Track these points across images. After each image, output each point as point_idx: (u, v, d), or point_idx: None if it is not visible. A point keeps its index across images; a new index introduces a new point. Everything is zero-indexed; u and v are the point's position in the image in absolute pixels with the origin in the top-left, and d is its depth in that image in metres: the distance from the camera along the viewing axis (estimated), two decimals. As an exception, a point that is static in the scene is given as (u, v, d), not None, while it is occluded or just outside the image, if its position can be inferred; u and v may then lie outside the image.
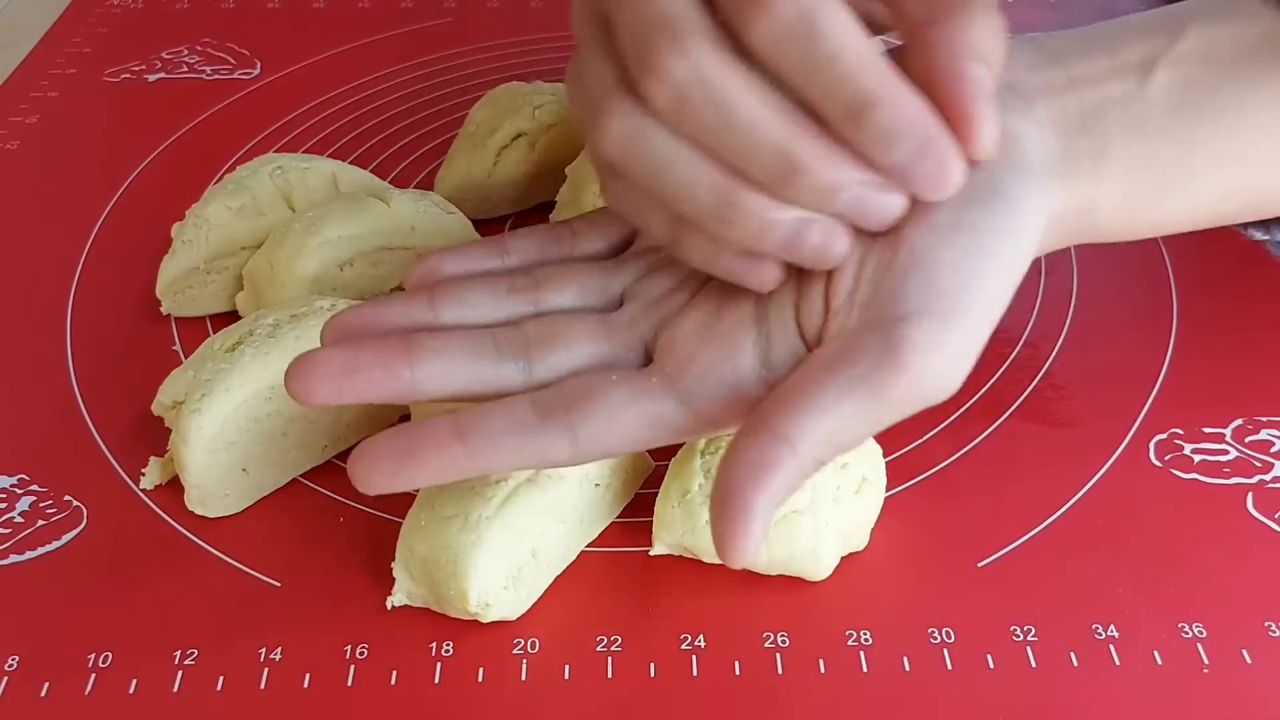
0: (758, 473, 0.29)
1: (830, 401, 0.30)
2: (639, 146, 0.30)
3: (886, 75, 0.29)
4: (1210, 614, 0.39)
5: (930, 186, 0.30)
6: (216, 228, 0.50)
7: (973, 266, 0.31)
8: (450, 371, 0.33)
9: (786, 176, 0.29)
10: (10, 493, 0.44)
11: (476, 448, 0.31)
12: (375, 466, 0.32)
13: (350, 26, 0.74)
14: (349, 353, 0.33)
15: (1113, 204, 0.34)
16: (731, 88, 0.29)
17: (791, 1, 0.28)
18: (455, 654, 0.38)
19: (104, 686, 0.37)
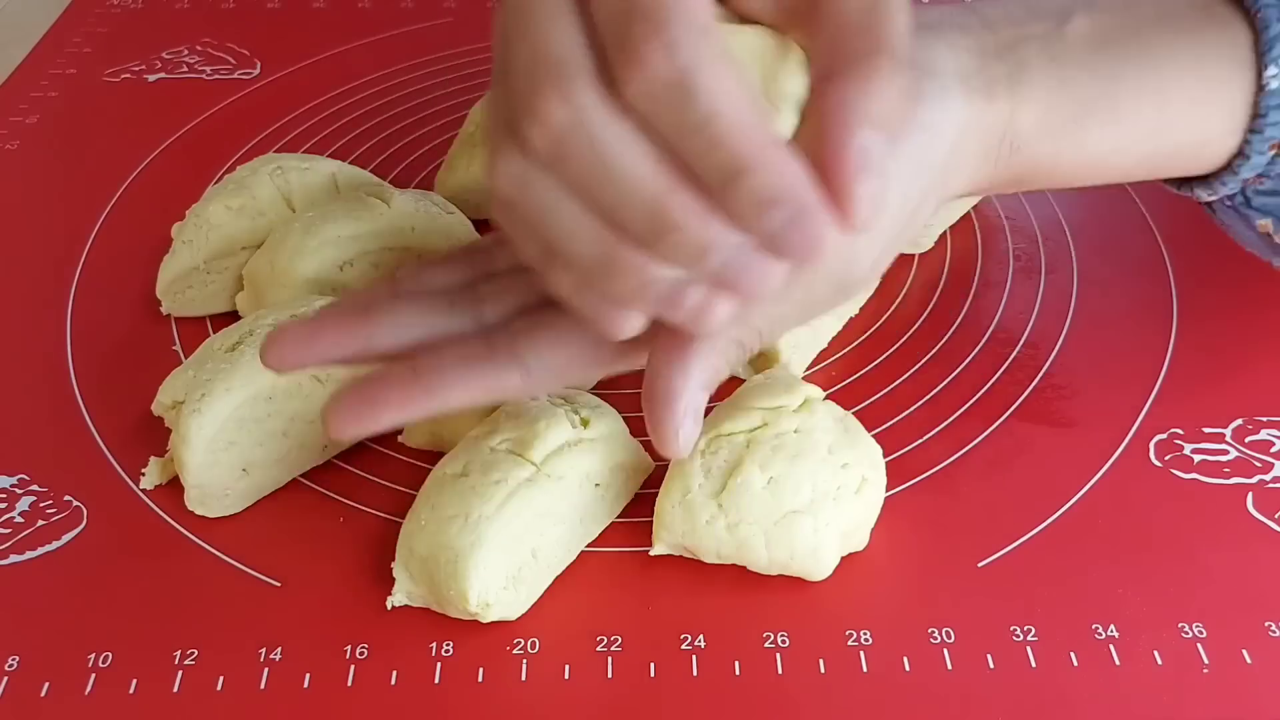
0: (677, 354, 0.31)
1: None
2: (525, 191, 0.30)
3: (762, 140, 0.27)
4: (1210, 614, 0.39)
5: (800, 256, 0.28)
6: (216, 228, 0.50)
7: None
8: (405, 327, 0.34)
9: (659, 233, 0.28)
10: (10, 493, 0.44)
11: (432, 383, 0.33)
12: (342, 412, 0.33)
13: (350, 26, 0.74)
14: (312, 322, 0.34)
15: (1034, 125, 0.35)
16: (610, 138, 0.28)
17: (668, 59, 0.27)
18: (455, 654, 0.38)
19: (104, 686, 0.37)
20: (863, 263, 0.32)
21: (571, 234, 0.30)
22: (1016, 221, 0.57)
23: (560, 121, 0.28)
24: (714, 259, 0.29)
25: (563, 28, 0.28)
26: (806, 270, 0.30)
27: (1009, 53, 0.35)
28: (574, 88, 0.28)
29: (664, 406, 0.32)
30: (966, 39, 0.35)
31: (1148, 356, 0.49)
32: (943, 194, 0.35)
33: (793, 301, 0.32)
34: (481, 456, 0.39)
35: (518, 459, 0.39)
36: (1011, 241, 0.56)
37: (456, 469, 0.39)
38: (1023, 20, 0.36)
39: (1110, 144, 0.37)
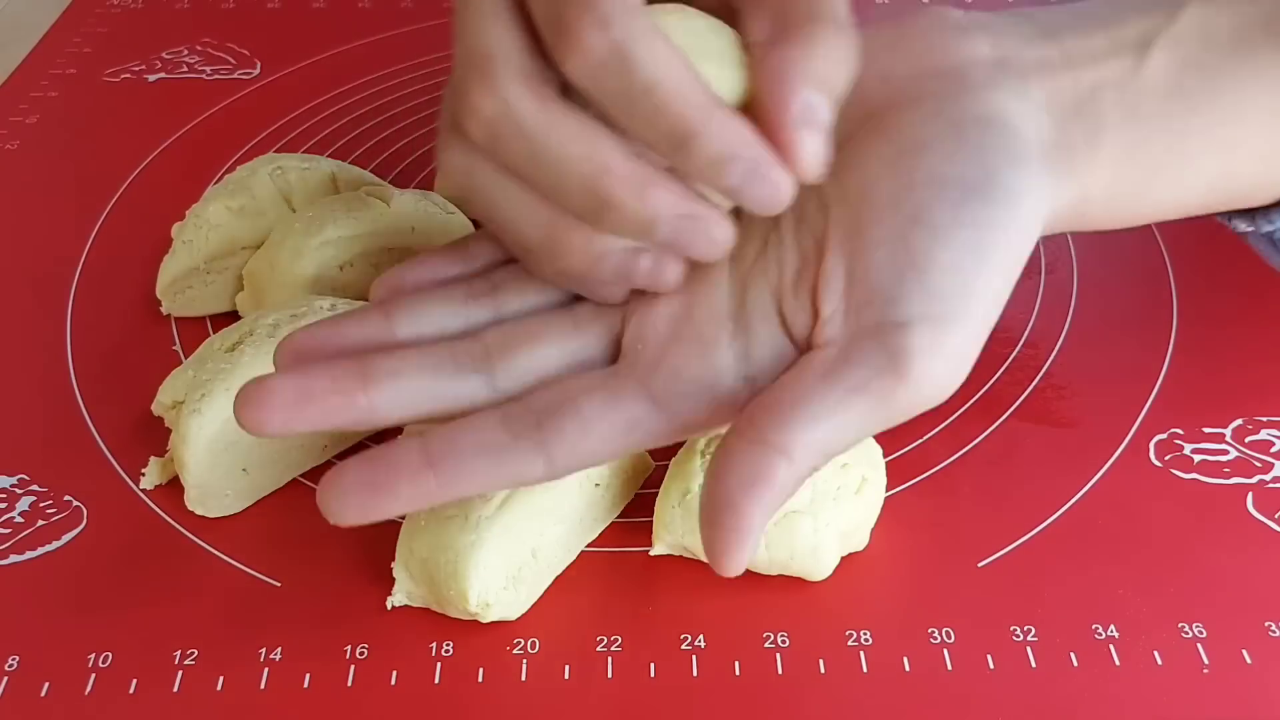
0: (752, 485, 0.29)
1: (828, 411, 0.29)
2: (470, 181, 0.31)
3: (706, 102, 0.28)
4: (1210, 614, 0.39)
5: (763, 206, 0.29)
6: (216, 228, 0.50)
7: (973, 266, 0.30)
8: (409, 393, 0.32)
9: (599, 212, 0.29)
10: (10, 493, 0.44)
11: (448, 474, 0.30)
12: (345, 499, 0.31)
13: (350, 26, 0.74)
14: (302, 380, 0.31)
15: (1104, 192, 0.34)
16: (540, 124, 0.29)
17: (602, 34, 0.27)
18: (455, 654, 0.38)
19: (104, 686, 0.37)
20: (955, 385, 0.31)
21: (518, 218, 0.31)
22: (1016, 221, 0.57)
23: (489, 112, 0.29)
24: (659, 229, 0.29)
25: (493, 24, 0.29)
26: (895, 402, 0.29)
27: (1088, 106, 0.33)
28: (499, 79, 0.29)
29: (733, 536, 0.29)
30: (1046, 87, 0.33)
31: (1148, 356, 0.49)
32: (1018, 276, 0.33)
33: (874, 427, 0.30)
34: (481, 456, 0.39)
35: (518, 459, 0.39)
36: (1011, 241, 0.56)
37: (456, 469, 0.39)
38: (1103, 55, 0.33)
39: (1170, 198, 0.35)
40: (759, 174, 0.29)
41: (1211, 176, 0.35)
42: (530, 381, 0.33)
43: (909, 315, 0.30)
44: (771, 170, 0.29)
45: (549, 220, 0.30)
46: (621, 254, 0.31)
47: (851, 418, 0.29)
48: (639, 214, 0.29)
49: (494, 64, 0.29)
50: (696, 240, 0.30)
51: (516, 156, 0.29)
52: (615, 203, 0.29)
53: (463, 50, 0.30)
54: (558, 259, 0.31)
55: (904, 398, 0.30)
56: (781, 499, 0.29)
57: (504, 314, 0.35)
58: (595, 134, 0.29)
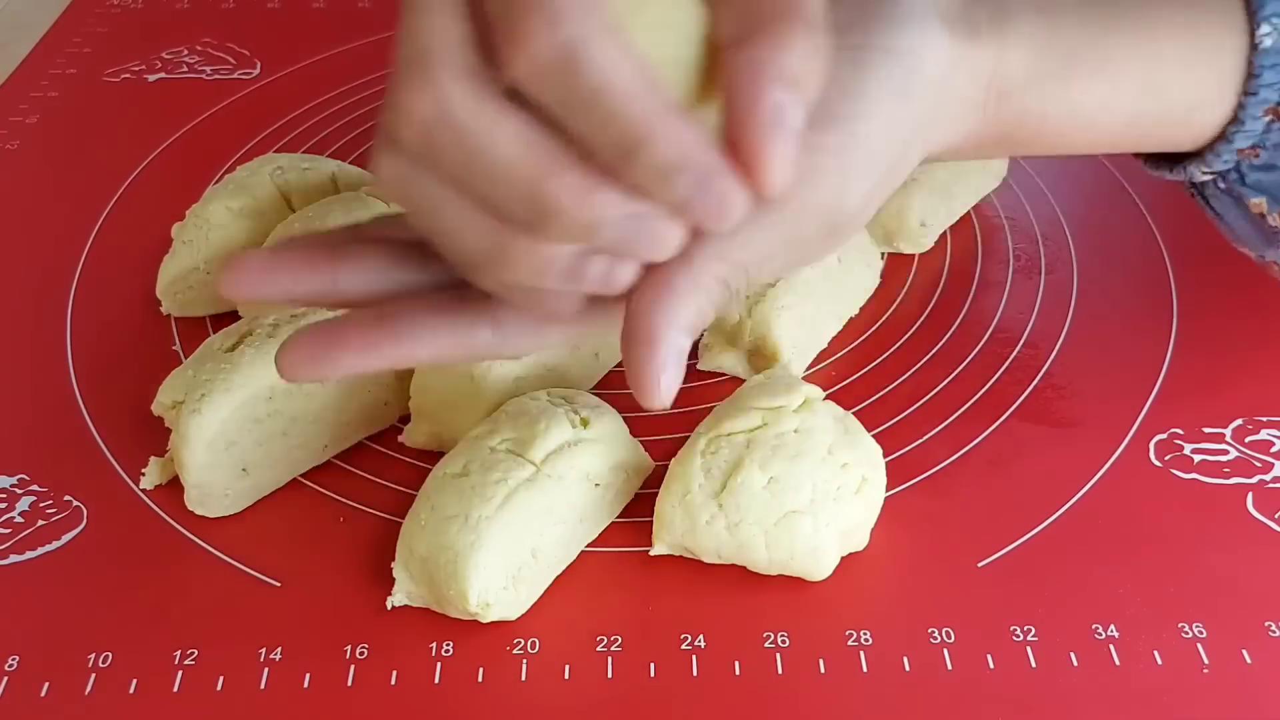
0: (658, 294, 0.29)
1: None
2: (407, 191, 0.29)
3: (657, 108, 0.26)
4: (1210, 614, 0.39)
5: (712, 220, 0.28)
6: (217, 228, 0.50)
7: (855, 77, 0.31)
8: (374, 272, 0.32)
9: (541, 217, 0.27)
10: (10, 493, 0.44)
11: (398, 329, 0.30)
12: (298, 351, 0.30)
13: (350, 26, 0.74)
14: (276, 252, 0.31)
15: (1022, 74, 0.34)
16: (477, 126, 0.27)
17: (549, 33, 0.25)
18: (455, 654, 0.38)
19: (104, 686, 0.37)
20: (852, 198, 0.31)
21: (459, 228, 0.29)
22: (1016, 221, 0.57)
23: (425, 114, 0.27)
24: (604, 233, 0.28)
25: (436, 19, 0.28)
26: (788, 203, 0.29)
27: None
28: (437, 77, 0.27)
29: (644, 348, 0.29)
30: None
31: (1148, 356, 0.49)
32: (929, 137, 0.33)
33: (778, 238, 0.30)
34: (481, 456, 0.39)
35: (518, 459, 0.39)
36: (1011, 241, 0.56)
37: (456, 469, 0.39)
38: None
39: (1099, 98, 0.36)
40: (708, 186, 0.27)
41: (1139, 80, 0.35)
42: None
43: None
44: (721, 182, 0.27)
45: (490, 230, 0.28)
46: (570, 260, 0.29)
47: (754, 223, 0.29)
48: (583, 218, 0.27)
49: (432, 60, 0.27)
50: (643, 241, 0.28)
51: (453, 162, 0.27)
52: (557, 207, 0.27)
53: (400, 46, 0.28)
54: (503, 270, 0.29)
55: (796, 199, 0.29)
56: (691, 309, 0.29)
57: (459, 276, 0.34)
58: (533, 136, 0.27)
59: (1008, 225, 0.57)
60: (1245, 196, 0.39)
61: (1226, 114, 0.37)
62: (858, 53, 0.31)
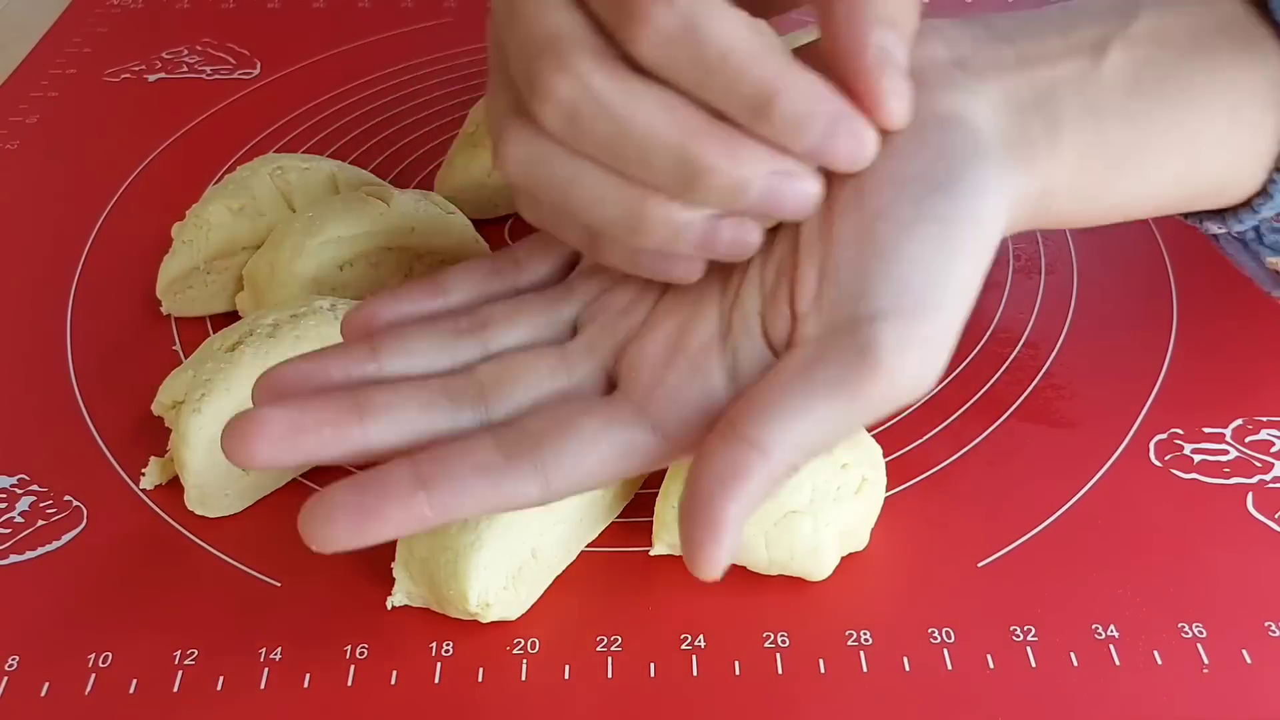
0: (729, 481, 0.29)
1: (803, 406, 0.29)
2: (540, 170, 0.30)
3: (781, 63, 0.28)
4: (1210, 614, 0.39)
5: (848, 162, 0.30)
6: (216, 228, 0.50)
7: (940, 258, 0.30)
8: (404, 425, 0.31)
9: (691, 180, 0.29)
10: (10, 493, 0.44)
11: (441, 496, 0.30)
12: (333, 524, 0.30)
13: (350, 26, 0.74)
14: (293, 412, 0.31)
15: (1068, 185, 0.34)
16: (621, 100, 0.28)
17: (669, 8, 0.27)
18: (455, 654, 0.38)
19: (104, 686, 0.37)
20: (930, 379, 0.30)
21: (596, 199, 0.30)
22: (1016, 221, 0.57)
23: (569, 93, 0.29)
24: (750, 192, 0.29)
25: (553, 7, 0.29)
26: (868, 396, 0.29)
27: (1045, 102, 0.33)
28: (574, 58, 0.28)
29: (709, 533, 0.29)
30: (1002, 84, 0.33)
31: (1148, 356, 0.49)
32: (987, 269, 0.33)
33: (855, 422, 0.30)
34: (481, 456, 0.39)
35: (518, 459, 0.39)
36: (1011, 241, 0.56)
37: (456, 469, 0.39)
38: (1058, 55, 0.34)
39: (1135, 194, 0.35)
40: (841, 127, 0.29)
41: (1177, 172, 0.35)
42: (524, 413, 0.32)
43: (877, 309, 0.30)
44: (853, 122, 0.29)
45: (630, 197, 0.30)
46: (703, 223, 0.30)
47: (826, 413, 0.29)
48: (733, 175, 0.29)
49: (564, 44, 0.29)
50: (788, 197, 0.30)
51: (599, 135, 0.29)
52: (708, 167, 0.29)
53: (524, 37, 0.29)
54: (637, 236, 0.30)
55: (878, 392, 0.29)
56: (758, 497, 0.29)
57: (492, 350, 0.34)
58: (678, 103, 0.29)
59: (1008, 225, 0.57)
60: (1262, 254, 0.39)
61: (1255, 187, 0.36)
62: (944, 229, 0.30)
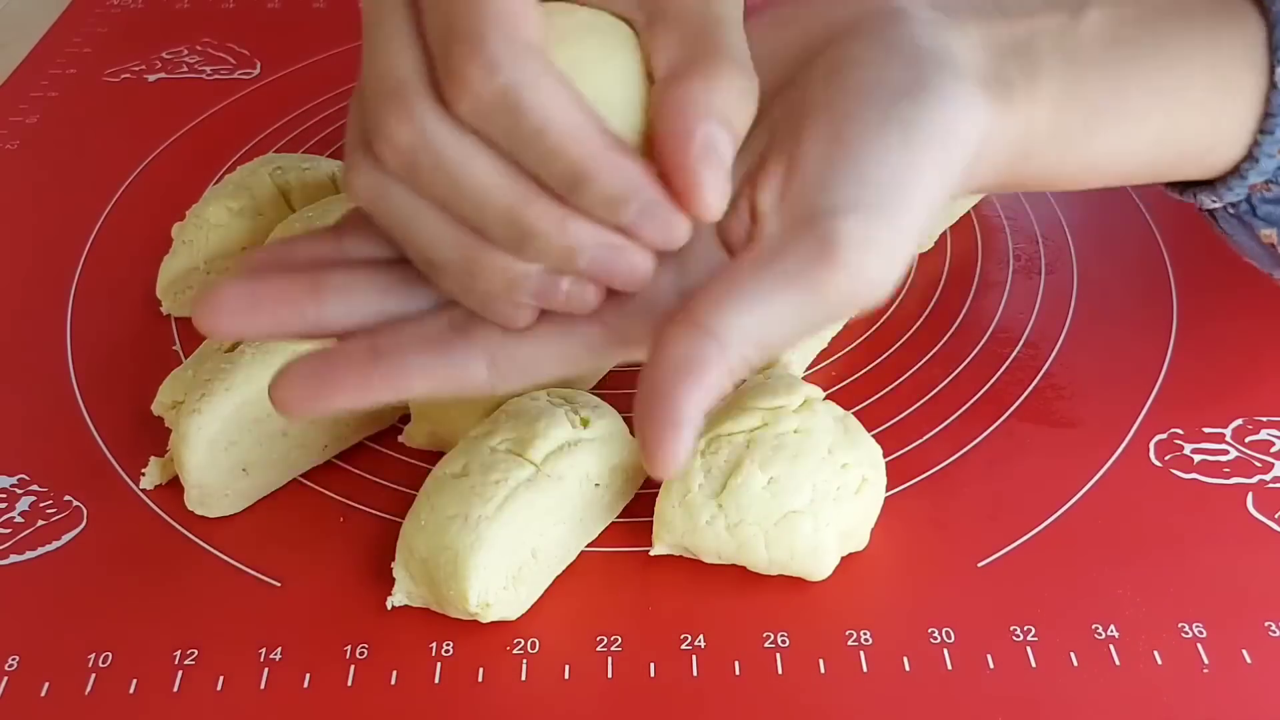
0: (686, 372, 0.29)
1: (762, 297, 0.29)
2: (382, 203, 0.30)
3: (597, 144, 0.28)
4: (1210, 614, 0.39)
5: (660, 244, 0.29)
6: (217, 228, 0.50)
7: (904, 160, 0.30)
8: (359, 306, 0.31)
9: (521, 241, 0.29)
10: (10, 493, 0.44)
11: (391, 368, 0.30)
12: (291, 389, 0.30)
13: (350, 26, 0.74)
14: (253, 285, 0.31)
15: (1047, 133, 0.34)
16: (456, 155, 0.28)
17: (490, 78, 0.27)
18: (455, 654, 0.38)
19: (104, 686, 0.37)
20: (889, 283, 0.31)
21: (433, 242, 0.30)
22: (1016, 221, 0.57)
23: (407, 141, 0.28)
24: (580, 260, 0.29)
25: (400, 47, 0.29)
26: (829, 290, 0.29)
27: (1024, 49, 0.34)
28: (415, 108, 0.28)
29: (665, 428, 0.29)
30: (981, 29, 0.34)
31: (1148, 356, 0.49)
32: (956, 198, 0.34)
33: (813, 319, 0.30)
34: (481, 457, 0.39)
35: (518, 459, 0.39)
36: (1011, 241, 0.56)
37: (456, 469, 0.39)
38: (1039, 9, 0.35)
39: (1117, 147, 0.36)
40: (653, 215, 0.29)
41: (1158, 129, 0.35)
42: None
43: (840, 203, 0.30)
44: (664, 211, 0.29)
45: (465, 244, 0.30)
46: (539, 277, 0.30)
47: (785, 305, 0.29)
48: (561, 244, 0.29)
49: (406, 90, 0.28)
50: (617, 269, 0.30)
51: (436, 185, 0.29)
52: (536, 233, 0.29)
53: (373, 71, 0.29)
54: (473, 280, 0.30)
55: (836, 285, 0.29)
56: (715, 389, 0.29)
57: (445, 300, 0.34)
58: (511, 166, 0.28)
59: (1008, 225, 0.57)
60: (1256, 226, 0.39)
61: (1241, 151, 0.37)
62: (906, 131, 0.31)
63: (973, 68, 0.33)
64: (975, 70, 0.33)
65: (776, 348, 0.30)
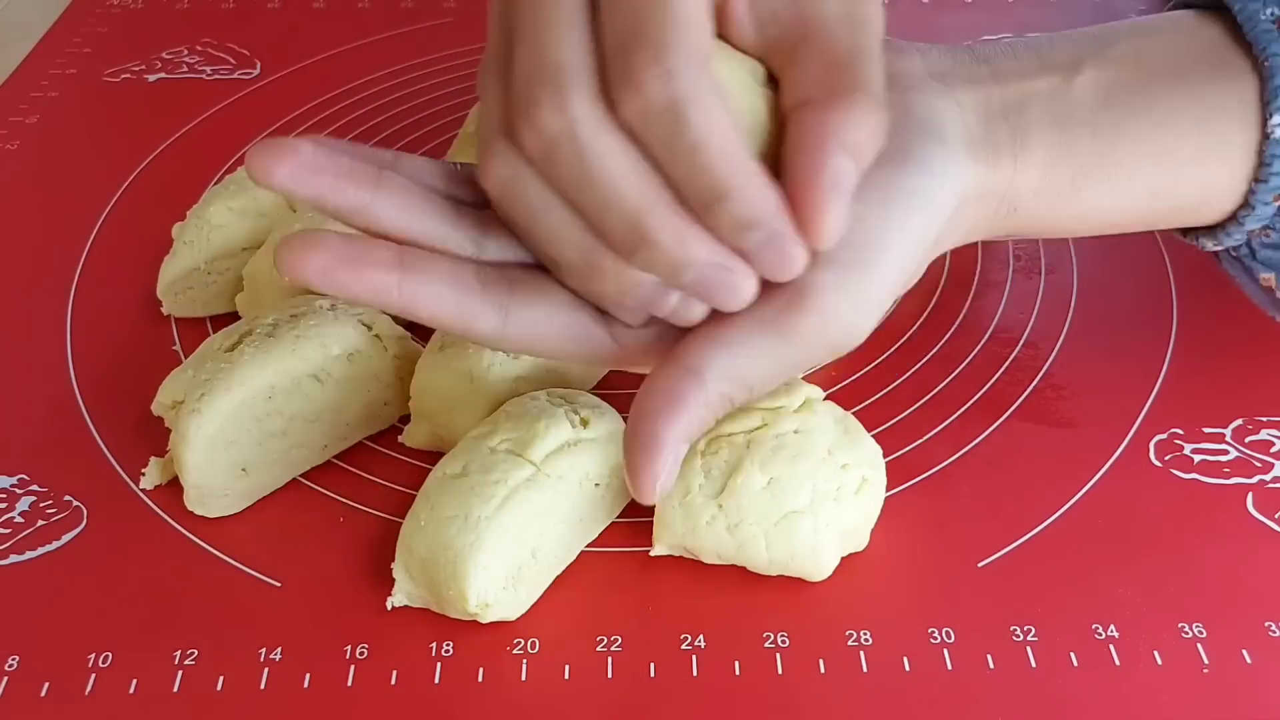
0: (665, 405, 0.31)
1: (738, 339, 0.31)
2: (515, 191, 0.31)
3: (744, 169, 0.29)
4: (1210, 614, 0.39)
5: (774, 273, 0.31)
6: (217, 228, 0.50)
7: (880, 221, 0.32)
8: (410, 212, 0.32)
9: (636, 245, 0.30)
10: (10, 493, 0.44)
11: (411, 284, 0.31)
12: (314, 255, 0.30)
13: (350, 26, 0.74)
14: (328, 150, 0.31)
15: (1034, 191, 0.35)
16: (598, 149, 0.29)
17: (664, 88, 0.28)
18: (455, 654, 0.38)
19: (104, 686, 0.37)
20: (863, 330, 0.33)
21: (558, 236, 0.31)
22: (1016, 221, 0.57)
23: (553, 129, 0.29)
24: (687, 274, 0.30)
25: (568, 34, 0.29)
26: (801, 335, 0.31)
27: (1015, 112, 0.35)
28: (571, 98, 0.29)
29: (645, 454, 0.31)
30: (974, 94, 0.35)
31: (1148, 356, 0.49)
32: (935, 255, 0.35)
33: (788, 362, 0.32)
34: (481, 457, 0.39)
35: (517, 459, 0.39)
36: (1011, 241, 0.56)
37: (456, 469, 0.39)
38: (1033, 73, 0.35)
39: (1107, 202, 0.36)
40: (776, 245, 0.30)
41: (1150, 183, 0.36)
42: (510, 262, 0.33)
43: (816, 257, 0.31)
44: (788, 244, 0.30)
45: (587, 244, 0.31)
46: (652, 288, 0.31)
47: (758, 346, 0.32)
48: (674, 257, 0.30)
49: (566, 78, 0.29)
50: (721, 292, 0.31)
51: (569, 176, 0.30)
52: (653, 242, 0.30)
53: (533, 51, 0.29)
54: (589, 280, 0.32)
55: (806, 330, 0.31)
56: (695, 423, 0.32)
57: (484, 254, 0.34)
58: (645, 171, 0.29)
59: (1008, 225, 0.57)
60: (1255, 270, 0.40)
61: (1238, 201, 0.37)
62: (885, 194, 0.32)
63: (960, 133, 0.34)
64: (962, 135, 0.34)
65: (756, 386, 0.33)
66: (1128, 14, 0.37)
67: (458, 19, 0.75)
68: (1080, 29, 0.37)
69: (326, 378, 0.43)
